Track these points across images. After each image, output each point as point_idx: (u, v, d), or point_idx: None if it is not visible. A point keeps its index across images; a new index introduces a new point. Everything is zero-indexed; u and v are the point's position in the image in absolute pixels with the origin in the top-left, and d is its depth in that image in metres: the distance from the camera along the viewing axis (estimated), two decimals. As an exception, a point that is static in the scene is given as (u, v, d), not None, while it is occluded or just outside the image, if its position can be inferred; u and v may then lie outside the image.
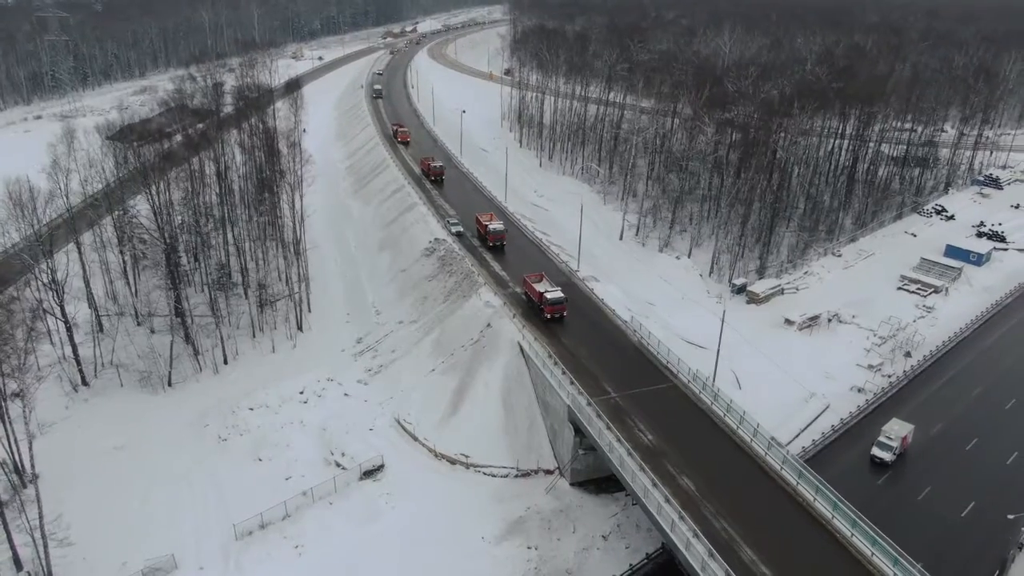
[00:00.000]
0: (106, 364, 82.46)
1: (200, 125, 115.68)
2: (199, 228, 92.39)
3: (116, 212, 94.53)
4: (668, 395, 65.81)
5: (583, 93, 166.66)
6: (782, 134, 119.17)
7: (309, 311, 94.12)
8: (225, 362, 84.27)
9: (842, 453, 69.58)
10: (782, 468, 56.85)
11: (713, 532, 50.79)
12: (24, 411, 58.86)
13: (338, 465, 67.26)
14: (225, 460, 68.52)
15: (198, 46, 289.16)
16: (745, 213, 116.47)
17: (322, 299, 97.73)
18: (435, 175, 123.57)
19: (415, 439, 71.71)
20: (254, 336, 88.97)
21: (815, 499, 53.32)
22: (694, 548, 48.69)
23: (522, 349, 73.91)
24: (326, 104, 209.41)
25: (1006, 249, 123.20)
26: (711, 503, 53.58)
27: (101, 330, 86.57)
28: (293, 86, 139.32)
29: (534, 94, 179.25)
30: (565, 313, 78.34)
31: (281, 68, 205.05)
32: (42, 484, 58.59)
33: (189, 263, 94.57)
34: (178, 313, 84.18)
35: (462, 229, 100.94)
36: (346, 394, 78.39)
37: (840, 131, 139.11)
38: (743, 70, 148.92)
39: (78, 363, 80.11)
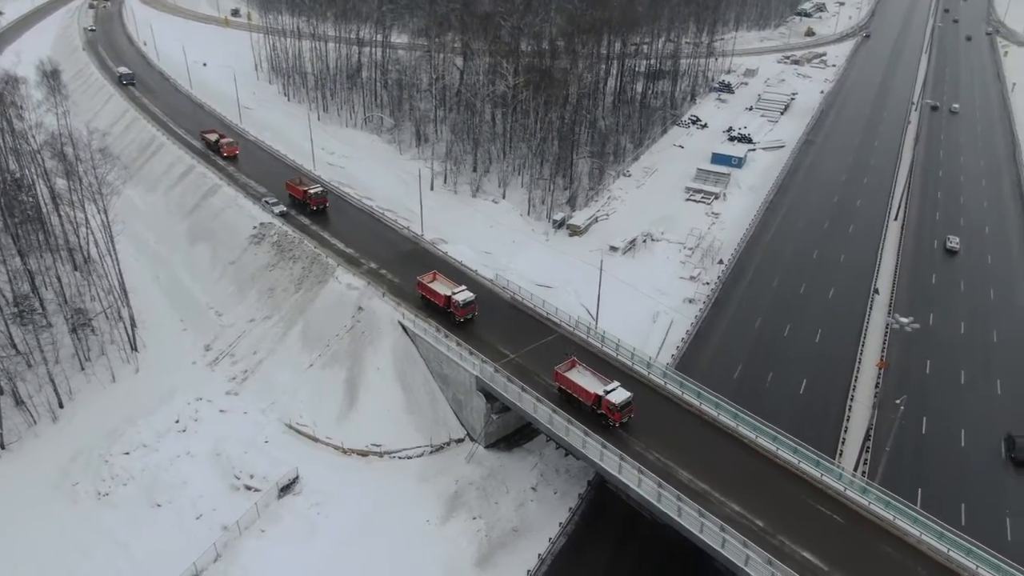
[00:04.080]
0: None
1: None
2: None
3: None
4: (559, 346, 70.14)
5: (356, 36, 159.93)
6: (568, 67, 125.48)
7: (134, 326, 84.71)
8: (61, 405, 73.88)
9: (698, 356, 79.33)
10: (665, 383, 65.36)
11: (634, 453, 57.31)
12: None
13: (249, 488, 63.77)
14: (116, 517, 61.61)
15: None
16: (541, 148, 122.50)
17: (142, 309, 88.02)
18: (229, 152, 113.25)
19: (317, 440, 69.76)
20: (83, 368, 78.60)
21: (700, 402, 62.81)
22: (626, 469, 54.81)
23: (405, 328, 73.85)
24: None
25: (754, 149, 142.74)
26: (635, 436, 59.61)
27: None
28: None
29: (291, 40, 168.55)
30: (476, 312, 73.51)
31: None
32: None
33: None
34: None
35: (285, 208, 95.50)
36: (221, 410, 73.18)
37: (607, 56, 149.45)
38: (510, 3, 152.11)
39: None
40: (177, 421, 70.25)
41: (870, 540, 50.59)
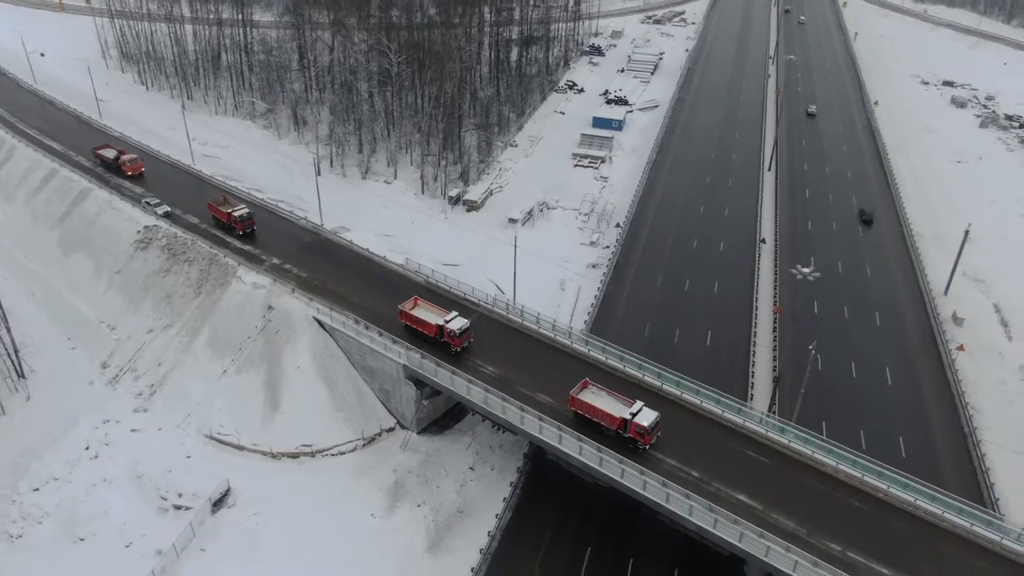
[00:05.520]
0: None
1: None
2: None
3: None
4: (482, 324, 70.85)
5: (216, 16, 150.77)
6: (448, 40, 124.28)
7: (17, 351, 78.18)
8: (-55, 446, 67.64)
9: (609, 319, 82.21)
10: (589, 350, 67.77)
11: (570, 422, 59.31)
12: None
13: (179, 508, 61.06)
14: (35, 559, 57.35)
15: None
16: (428, 124, 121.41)
17: (23, 331, 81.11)
18: (133, 171, 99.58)
19: (243, 448, 67.50)
20: (-36, 403, 72.10)
21: (623, 365, 65.55)
22: (567, 439, 56.79)
23: (321, 323, 72.19)
24: None
25: (632, 111, 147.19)
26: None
27: None
28: None
29: (144, 24, 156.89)
30: (472, 340, 67.84)
31: None
32: None
33: None
34: None
35: (169, 208, 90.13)
36: (133, 430, 69.23)
37: (479, 24, 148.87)
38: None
39: None
40: (87, 448, 65.94)
41: (795, 476, 54.99)
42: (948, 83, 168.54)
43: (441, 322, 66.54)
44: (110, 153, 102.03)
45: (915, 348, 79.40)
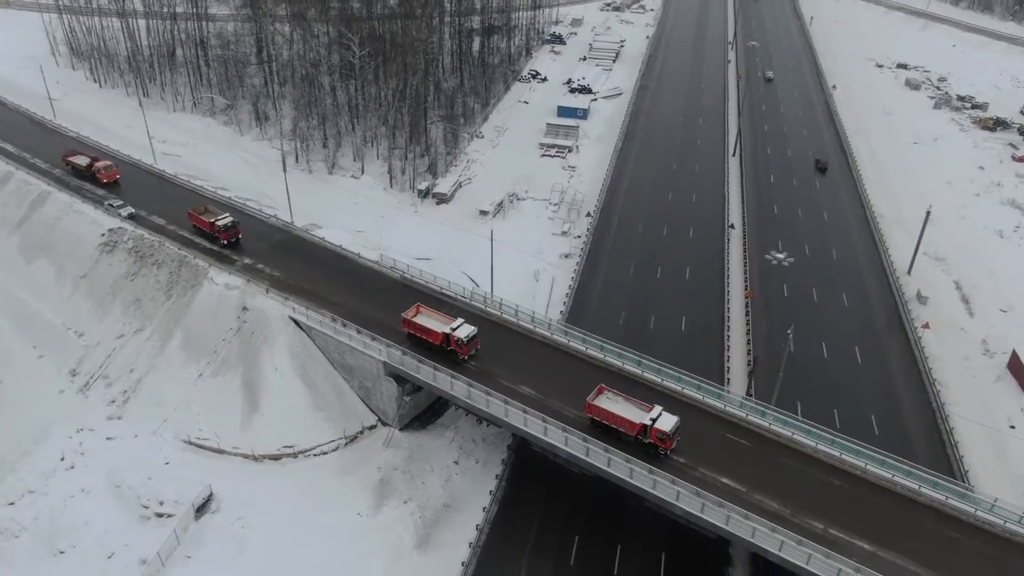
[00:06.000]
0: None
1: None
2: None
3: None
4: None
5: (170, 9, 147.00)
6: (413, 31, 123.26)
7: (-20, 360, 76.16)
8: (-88, 464, 65.58)
9: (584, 308, 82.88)
10: (568, 340, 68.44)
11: (555, 413, 59.83)
12: None
13: (160, 516, 60.19)
14: (13, 572, 56.16)
15: None
16: (394, 117, 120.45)
17: (-17, 341, 79.18)
18: (108, 178, 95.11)
19: (223, 452, 66.72)
20: (-72, 416, 69.97)
21: (604, 355, 66.75)
22: (552, 431, 57.31)
23: (298, 322, 71.47)
24: None
25: (596, 99, 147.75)
26: (558, 398, 61.87)
27: None
28: None
29: (95, 19, 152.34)
30: (479, 347, 66.13)
31: None
32: None
33: None
34: None
35: (133, 210, 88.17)
36: (108, 438, 67.93)
37: (440, 17, 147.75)
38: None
39: None
40: (62, 458, 64.55)
41: (775, 457, 56.25)
42: (902, 66, 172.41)
43: (447, 330, 64.37)
44: (82, 160, 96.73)
45: (882, 327, 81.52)
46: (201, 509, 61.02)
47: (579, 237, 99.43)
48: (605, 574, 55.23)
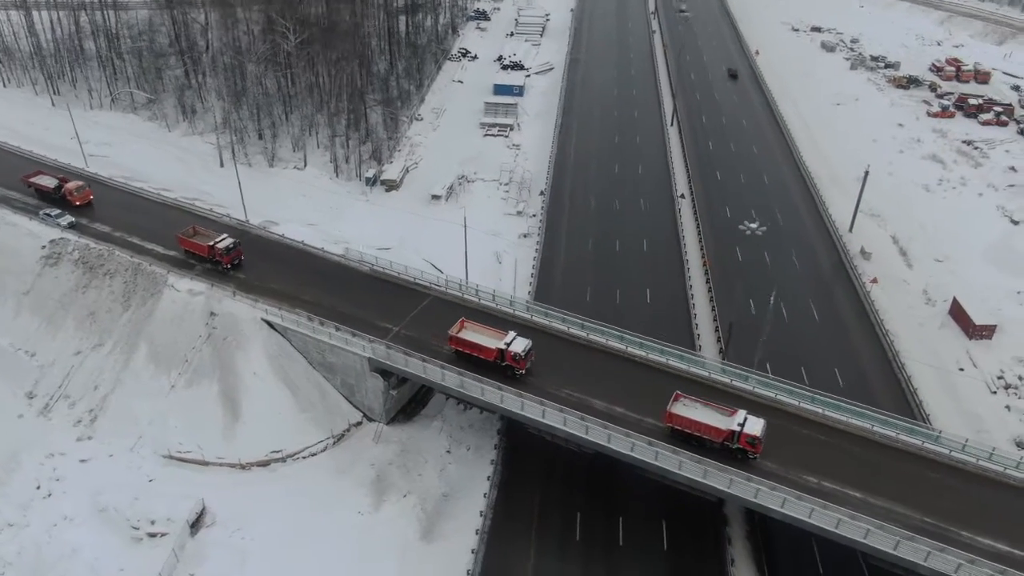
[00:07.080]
0: None
1: None
2: None
3: None
4: (438, 308, 70.66)
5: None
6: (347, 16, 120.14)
7: (-76, 392, 71.39)
8: None
9: (550, 287, 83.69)
10: (549, 321, 69.48)
11: (545, 394, 60.34)
12: None
13: (153, 535, 58.39)
14: (4, 611, 53.86)
15: None
16: (331, 105, 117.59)
17: (-76, 369, 74.14)
18: (82, 200, 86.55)
19: (208, 464, 65.01)
20: None
21: (587, 333, 67.47)
22: (549, 413, 57.98)
23: (272, 324, 69.85)
24: None
25: (529, 75, 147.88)
26: (539, 377, 62.87)
27: None
28: None
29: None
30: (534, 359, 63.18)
31: None
32: None
33: None
34: None
35: (73, 219, 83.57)
36: (82, 460, 65.12)
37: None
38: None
39: None
40: (38, 487, 61.56)
41: (763, 418, 58.88)
42: (816, 28, 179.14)
43: (502, 345, 61.06)
44: (49, 182, 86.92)
45: (833, 285, 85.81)
46: (196, 524, 59.51)
47: (534, 216, 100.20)
48: (612, 545, 56.96)
